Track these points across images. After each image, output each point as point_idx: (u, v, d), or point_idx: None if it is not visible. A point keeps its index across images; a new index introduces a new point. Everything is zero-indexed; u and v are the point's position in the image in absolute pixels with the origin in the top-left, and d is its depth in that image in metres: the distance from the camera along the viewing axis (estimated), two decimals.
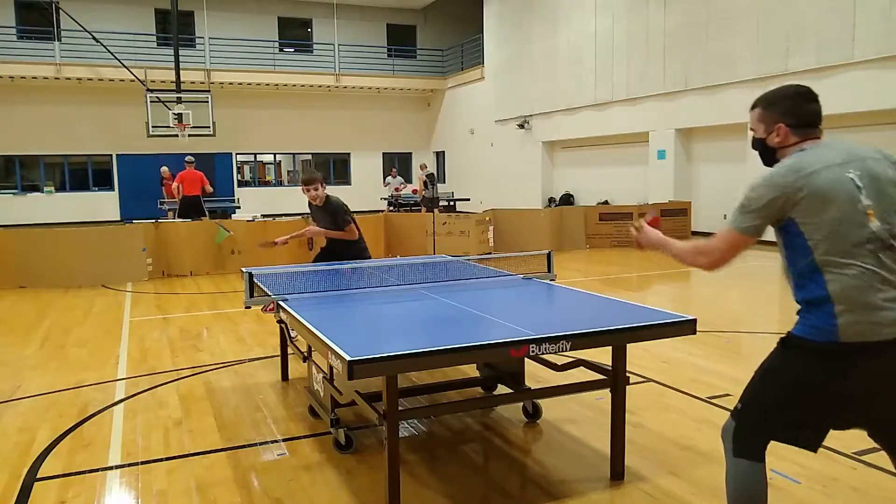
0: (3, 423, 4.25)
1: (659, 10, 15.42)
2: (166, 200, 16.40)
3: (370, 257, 6.30)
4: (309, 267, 5.32)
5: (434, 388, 4.39)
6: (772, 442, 2.31)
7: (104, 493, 3.29)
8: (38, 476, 3.47)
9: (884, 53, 10.85)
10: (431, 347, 2.70)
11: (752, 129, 2.39)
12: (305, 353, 4.29)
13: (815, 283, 2.11)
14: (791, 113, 2.24)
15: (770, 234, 2.31)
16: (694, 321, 3.16)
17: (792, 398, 2.18)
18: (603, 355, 3.38)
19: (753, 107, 2.37)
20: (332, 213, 5.97)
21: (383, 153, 26.06)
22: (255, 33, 23.76)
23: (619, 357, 3.27)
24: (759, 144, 2.37)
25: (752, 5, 13.10)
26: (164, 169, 17.05)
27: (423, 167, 18.40)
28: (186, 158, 14.13)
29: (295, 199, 22.72)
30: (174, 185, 14.06)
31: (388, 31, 25.92)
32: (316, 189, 5.93)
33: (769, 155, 2.32)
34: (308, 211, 6.43)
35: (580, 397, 4.36)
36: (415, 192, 19.95)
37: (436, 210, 15.12)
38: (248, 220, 11.33)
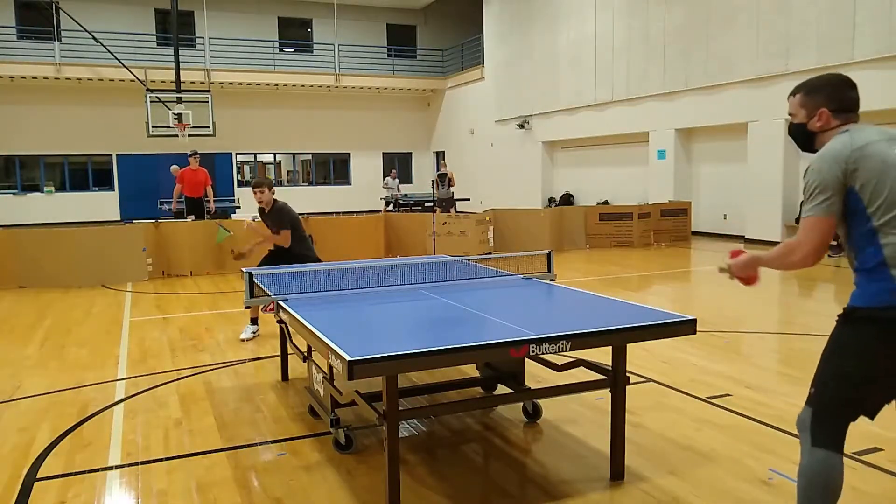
0: (3, 423, 4.25)
1: (659, 10, 15.42)
2: (177, 199, 16.29)
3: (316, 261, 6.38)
4: (309, 267, 5.32)
5: (434, 388, 4.39)
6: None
7: (104, 493, 3.29)
8: (38, 476, 3.47)
9: (884, 53, 10.86)
10: (431, 347, 2.70)
11: (791, 115, 2.48)
12: (305, 353, 4.29)
13: (872, 248, 2.19)
14: (834, 98, 2.35)
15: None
16: (694, 321, 3.16)
17: (864, 371, 2.21)
18: (603, 355, 3.38)
19: (794, 93, 2.45)
20: (274, 219, 6.19)
21: (383, 153, 26.06)
22: (255, 33, 23.77)
23: (619, 357, 3.27)
24: (798, 129, 2.45)
25: (752, 5, 13.10)
26: (175, 168, 16.91)
27: (443, 165, 17.97)
28: (191, 154, 13.28)
29: (295, 200, 22.73)
30: (175, 186, 13.29)
31: (388, 31, 25.92)
32: (262, 192, 6.15)
33: (809, 139, 2.42)
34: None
35: (580, 397, 4.36)
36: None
37: (451, 209, 14.96)
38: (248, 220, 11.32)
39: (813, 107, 2.38)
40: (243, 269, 4.61)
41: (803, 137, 2.44)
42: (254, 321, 6.50)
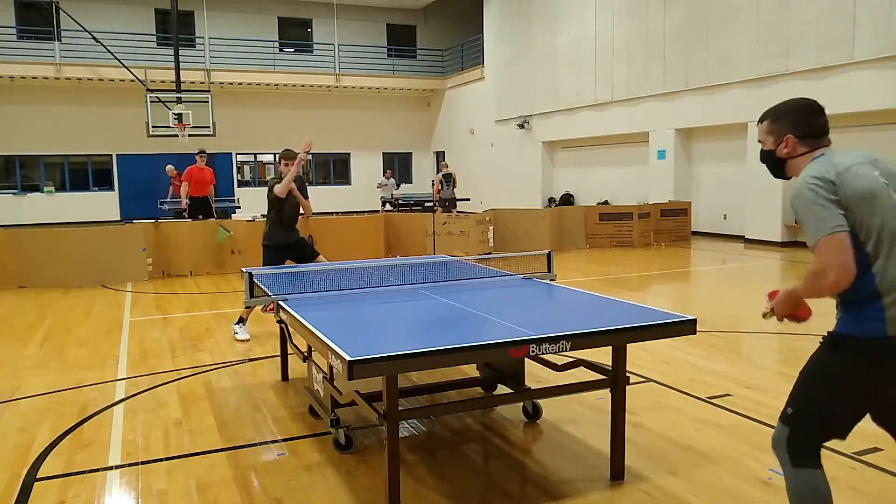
0: (3, 423, 4.25)
1: (659, 10, 15.42)
2: (170, 199, 16.27)
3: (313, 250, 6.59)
4: (309, 267, 5.32)
5: (434, 388, 4.39)
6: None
7: (104, 493, 3.29)
8: (38, 476, 3.47)
9: (884, 53, 10.85)
10: (431, 347, 2.70)
11: (760, 142, 2.46)
12: (305, 353, 4.29)
13: (864, 277, 2.13)
14: (799, 125, 2.32)
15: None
16: (694, 321, 3.16)
17: (844, 397, 2.21)
18: (603, 355, 3.38)
19: (761, 120, 2.44)
20: (301, 188, 6.54)
21: (383, 153, 26.06)
22: (255, 33, 23.77)
23: (619, 357, 3.27)
24: (768, 156, 2.43)
25: (752, 5, 13.10)
26: (170, 168, 16.87)
27: (444, 166, 17.96)
28: (198, 152, 12.85)
29: None
30: (182, 184, 12.88)
31: (388, 31, 25.92)
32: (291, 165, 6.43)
33: (778, 166, 2.41)
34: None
35: (580, 397, 4.37)
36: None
37: (453, 210, 14.95)
38: (248, 220, 11.33)
39: (779, 133, 2.36)
40: (243, 269, 4.61)
41: (773, 164, 2.42)
42: (241, 321, 6.48)
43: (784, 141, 2.34)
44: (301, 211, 6.53)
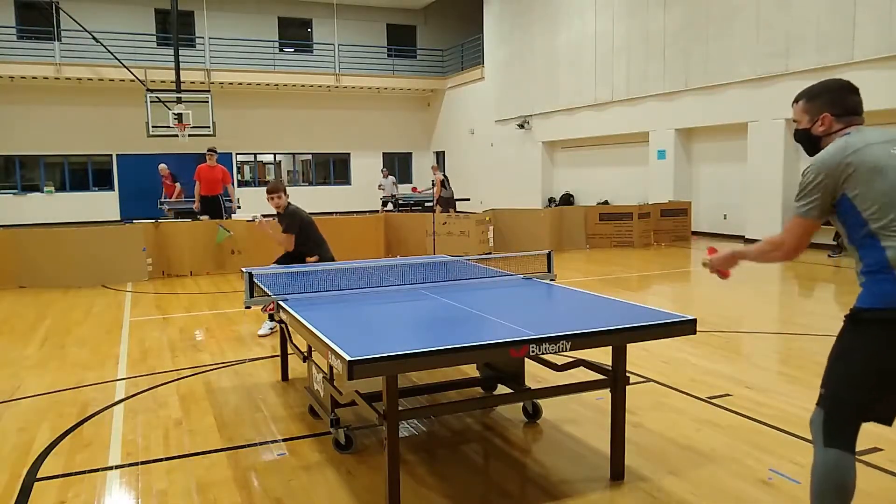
0: (3, 423, 4.25)
1: (659, 10, 15.42)
2: (165, 200, 16.28)
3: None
4: (309, 267, 5.32)
5: (434, 388, 4.39)
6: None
7: (104, 493, 3.29)
8: (38, 476, 3.47)
9: (884, 53, 10.85)
10: (431, 347, 2.70)
11: (795, 121, 2.53)
12: (305, 353, 4.29)
13: (874, 251, 2.22)
14: (835, 103, 2.40)
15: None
16: (694, 321, 3.16)
17: (871, 373, 2.22)
18: (603, 355, 3.38)
19: (797, 100, 2.51)
20: (282, 222, 6.43)
21: (383, 153, 26.06)
22: (255, 33, 23.77)
23: (619, 357, 3.27)
24: (803, 134, 2.50)
25: (752, 5, 13.10)
26: (163, 167, 16.80)
27: (434, 169, 18.13)
28: (208, 151, 12.39)
29: (295, 200, 22.68)
30: (195, 184, 12.46)
31: (388, 31, 25.93)
32: (279, 198, 6.38)
33: (813, 144, 2.47)
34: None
35: (580, 397, 4.37)
36: (414, 190, 19.81)
37: (451, 210, 15.00)
38: (248, 220, 11.32)
39: (815, 112, 2.43)
40: (243, 270, 4.61)
41: (808, 143, 2.49)
42: (271, 317, 6.51)
43: (820, 119, 2.41)
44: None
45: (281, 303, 3.85)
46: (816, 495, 2.29)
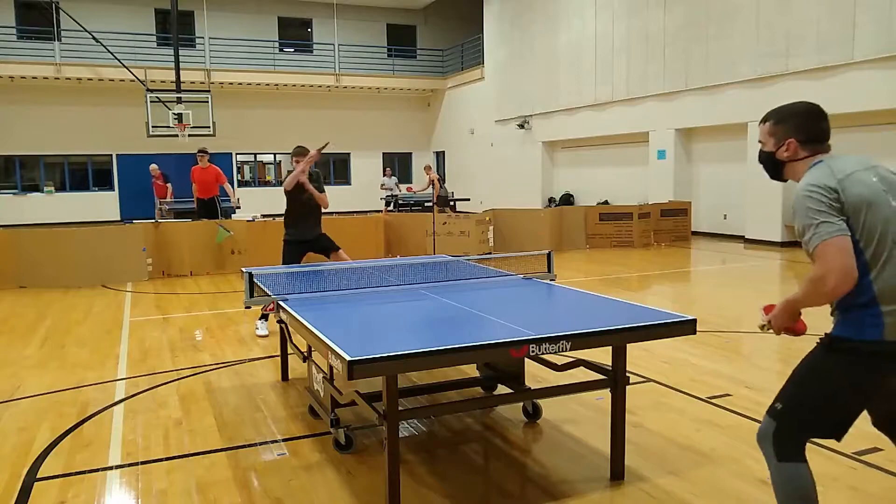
0: (3, 423, 4.25)
1: (659, 10, 15.42)
2: (165, 202, 16.26)
3: (332, 242, 6.60)
4: (308, 267, 5.32)
5: (434, 388, 4.39)
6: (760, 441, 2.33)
7: (104, 493, 3.29)
8: (38, 476, 3.47)
9: (884, 53, 10.85)
10: (431, 347, 2.70)
11: (760, 142, 2.44)
12: (305, 353, 4.29)
13: (863, 282, 2.13)
14: (801, 129, 2.31)
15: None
16: (694, 321, 3.16)
17: (838, 398, 2.22)
18: (603, 355, 3.38)
19: (764, 120, 2.42)
20: (316, 183, 6.52)
21: (383, 153, 26.06)
22: (255, 33, 23.76)
23: (619, 357, 3.27)
24: (767, 157, 2.41)
25: (752, 5, 13.10)
26: (154, 167, 16.72)
27: (427, 169, 18.16)
28: (198, 152, 11.92)
29: None
30: (193, 186, 12.15)
31: (388, 31, 25.92)
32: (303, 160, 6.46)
33: (777, 168, 2.39)
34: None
35: (580, 397, 4.36)
36: (409, 190, 19.87)
37: (447, 209, 15.05)
38: (248, 220, 11.32)
39: (781, 136, 2.34)
40: (243, 270, 4.61)
41: (772, 166, 2.40)
42: (264, 317, 6.54)
43: (786, 144, 2.33)
44: (320, 205, 6.48)
45: (281, 303, 3.85)
46: None
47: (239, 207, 15.73)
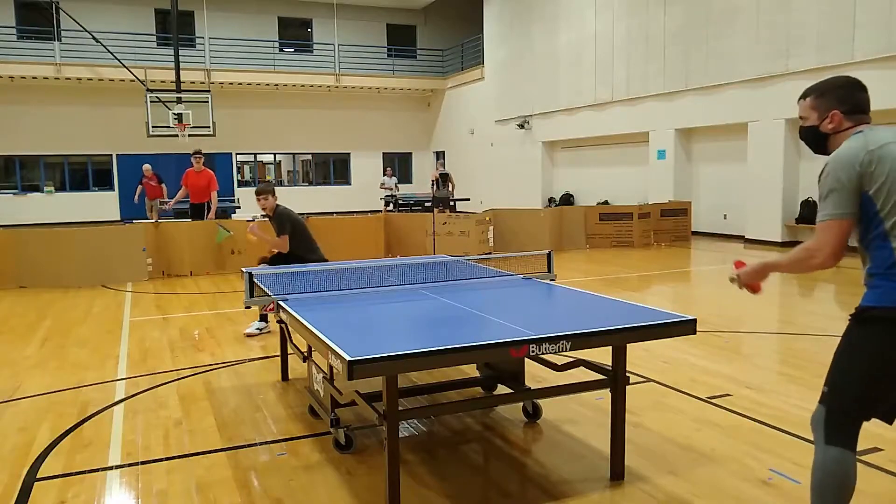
0: (3, 423, 4.25)
1: (659, 10, 15.42)
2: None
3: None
4: (308, 267, 5.32)
5: (434, 388, 4.39)
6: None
7: (104, 493, 3.29)
8: (38, 476, 3.47)
9: (884, 53, 10.85)
10: (431, 347, 2.70)
11: (801, 118, 2.47)
12: (305, 353, 4.29)
13: (883, 251, 2.20)
14: (845, 100, 2.36)
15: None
16: (694, 321, 3.16)
17: (878, 370, 2.22)
18: (603, 355, 3.38)
19: (804, 96, 2.45)
20: (274, 224, 6.35)
21: (383, 153, 26.06)
22: (255, 33, 23.77)
23: (619, 357, 3.27)
24: (810, 132, 2.44)
25: (752, 5, 13.10)
26: (147, 167, 16.57)
27: (439, 166, 18.11)
28: (194, 153, 11.29)
29: (295, 200, 22.73)
30: (182, 191, 11.69)
31: (388, 31, 25.92)
32: (266, 199, 6.33)
33: (821, 141, 2.42)
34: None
35: (580, 397, 4.37)
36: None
37: (447, 210, 15.03)
38: (248, 220, 11.32)
39: (825, 109, 2.38)
40: (243, 270, 4.61)
41: (816, 140, 2.44)
42: (263, 318, 6.54)
43: (829, 116, 2.37)
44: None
45: (281, 303, 3.85)
46: (817, 493, 2.29)
47: (239, 207, 15.69)
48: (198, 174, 11.33)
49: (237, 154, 24.14)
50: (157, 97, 15.98)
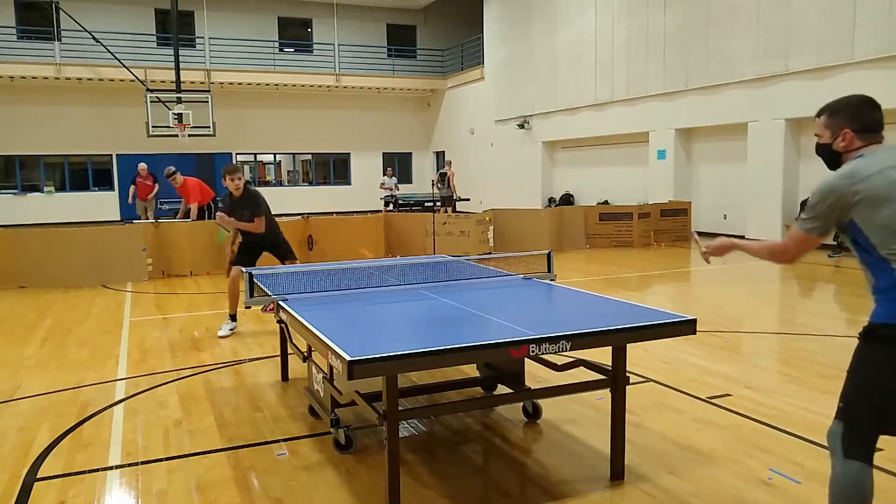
0: (3, 423, 4.25)
1: (659, 10, 15.42)
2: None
3: (288, 251, 6.57)
4: (308, 267, 5.32)
5: (434, 388, 4.39)
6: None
7: (104, 493, 3.29)
8: (38, 476, 3.47)
9: (884, 53, 10.85)
10: (431, 347, 2.70)
11: (817, 136, 2.54)
12: (305, 353, 4.29)
13: (885, 273, 2.24)
14: (855, 119, 2.41)
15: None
16: (694, 321, 3.16)
17: (886, 386, 2.24)
18: (603, 355, 3.38)
19: (819, 114, 2.52)
20: (248, 205, 6.23)
21: (383, 153, 26.06)
22: (255, 33, 23.76)
23: (619, 357, 3.27)
24: (825, 149, 2.50)
25: (752, 5, 13.10)
26: (143, 166, 16.48)
27: (449, 164, 18.17)
28: (167, 175, 11.92)
29: (295, 200, 22.75)
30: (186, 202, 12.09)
31: (388, 31, 25.92)
32: (240, 179, 6.22)
33: (835, 159, 2.47)
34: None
35: (580, 397, 4.36)
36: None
37: (448, 209, 15.08)
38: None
39: (837, 128, 2.43)
40: (243, 270, 4.61)
41: (830, 158, 2.49)
42: (232, 317, 6.56)
43: (841, 135, 2.41)
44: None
45: (281, 303, 3.85)
46: None
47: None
48: (182, 188, 11.93)
49: (237, 154, 24.11)
50: (157, 97, 15.99)
